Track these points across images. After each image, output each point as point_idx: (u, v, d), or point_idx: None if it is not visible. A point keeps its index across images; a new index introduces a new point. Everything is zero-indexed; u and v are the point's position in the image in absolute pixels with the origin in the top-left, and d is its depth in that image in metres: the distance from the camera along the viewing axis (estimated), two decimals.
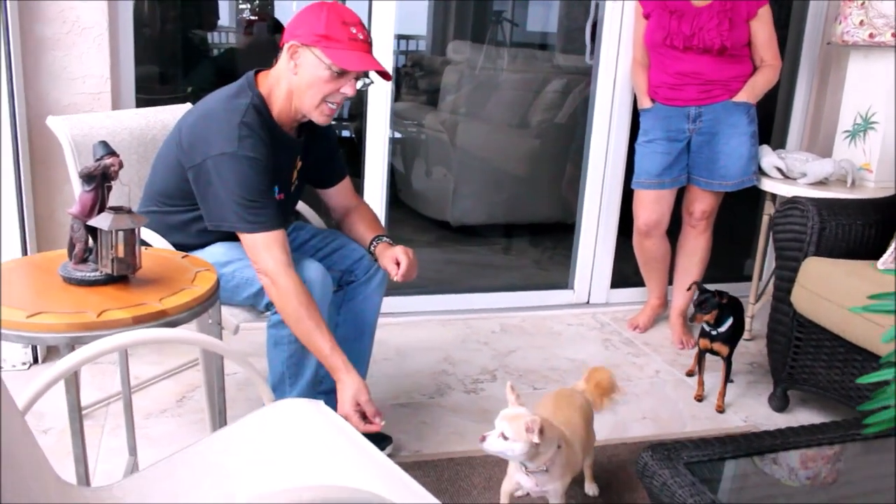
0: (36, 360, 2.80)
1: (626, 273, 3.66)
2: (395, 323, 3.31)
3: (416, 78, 4.73)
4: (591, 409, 2.14)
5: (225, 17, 3.89)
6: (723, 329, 2.69)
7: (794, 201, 2.66)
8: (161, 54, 3.52)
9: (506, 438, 1.76)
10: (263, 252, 1.96)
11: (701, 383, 2.81)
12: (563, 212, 3.98)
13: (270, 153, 2.01)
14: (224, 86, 2.13)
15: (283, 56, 2.03)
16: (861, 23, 2.93)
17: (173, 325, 1.68)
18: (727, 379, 2.76)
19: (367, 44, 2.02)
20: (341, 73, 1.99)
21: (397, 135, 4.48)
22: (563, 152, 4.12)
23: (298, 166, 2.22)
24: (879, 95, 3.03)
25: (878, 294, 0.98)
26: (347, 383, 1.95)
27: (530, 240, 4.36)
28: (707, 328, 2.72)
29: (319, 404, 1.68)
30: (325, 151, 2.30)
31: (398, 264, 2.19)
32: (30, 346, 2.76)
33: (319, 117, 2.06)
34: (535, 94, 4.32)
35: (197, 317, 1.74)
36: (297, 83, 2.02)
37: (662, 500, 1.48)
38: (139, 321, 1.62)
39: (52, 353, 2.82)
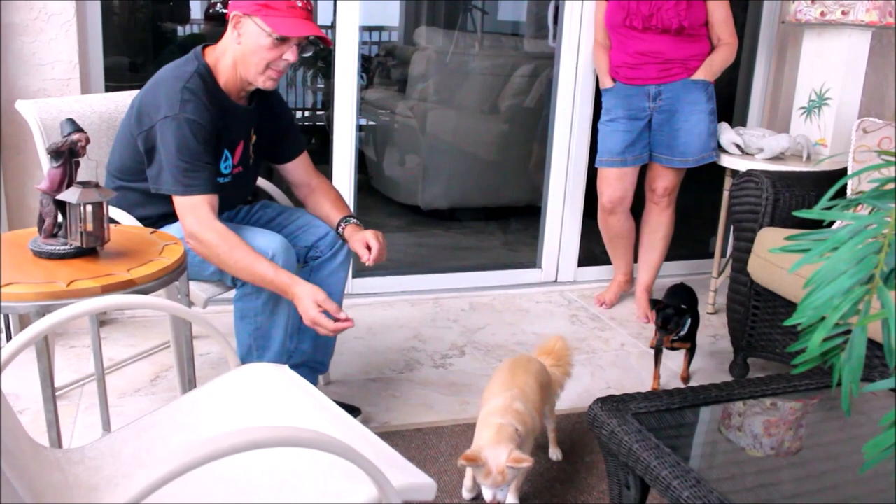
0: (9, 339, 2.83)
1: (593, 252, 3.74)
2: (366, 303, 3.37)
3: (388, 67, 4.79)
4: (547, 375, 2.20)
5: (197, 11, 3.93)
6: (683, 332, 2.67)
7: (749, 174, 2.74)
8: (131, 44, 3.55)
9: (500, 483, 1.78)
10: (189, 215, 2.04)
11: (657, 377, 2.76)
12: (532, 194, 4.05)
13: (216, 119, 2.08)
14: None
15: (228, 28, 2.11)
16: (812, 1, 3.02)
17: (142, 294, 1.74)
18: (691, 357, 2.82)
19: (307, 11, 2.10)
20: (282, 40, 2.07)
21: (370, 122, 4.55)
22: (531, 135, 4.19)
23: (253, 140, 2.29)
24: (833, 72, 3.12)
25: (794, 235, 1.05)
26: (301, 292, 2.01)
27: (500, 222, 4.43)
28: (674, 339, 2.68)
29: (284, 368, 1.74)
30: (280, 125, 2.36)
31: (369, 248, 2.25)
32: (3, 326, 2.79)
33: (265, 83, 2.14)
34: (503, 80, 4.39)
35: (164, 286, 1.79)
36: (240, 52, 2.10)
37: (611, 448, 1.55)
38: (108, 290, 1.67)
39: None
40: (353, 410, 2.41)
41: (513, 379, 2.06)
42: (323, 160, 3.31)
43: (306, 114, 4.94)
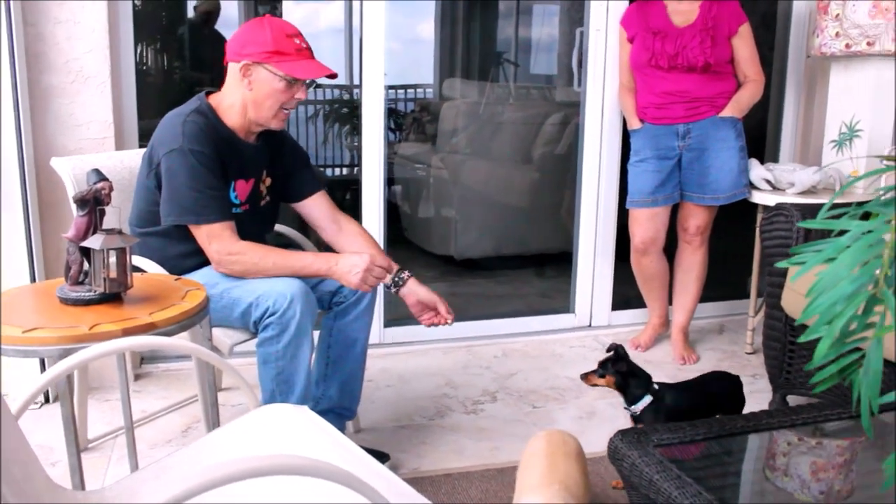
0: (47, 400, 2.88)
1: (627, 295, 3.69)
2: (398, 352, 3.36)
3: (423, 122, 4.87)
4: (584, 456, 1.97)
5: None
6: (637, 407, 2.21)
7: (778, 207, 2.70)
8: (166, 104, 3.65)
9: None
10: (212, 243, 2.11)
11: None
12: (565, 240, 4.03)
13: (220, 149, 2.14)
14: None
15: (234, 74, 2.18)
16: (837, 34, 3.00)
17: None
18: None
19: (311, 51, 2.19)
20: (294, 82, 2.15)
21: (405, 176, 4.61)
22: (562, 183, 4.20)
23: (267, 182, 2.34)
24: (862, 103, 3.08)
25: (798, 247, 1.03)
26: (341, 268, 2.12)
27: (534, 270, 4.41)
28: (625, 407, 2.26)
29: (304, 409, 1.74)
30: (293, 163, 2.42)
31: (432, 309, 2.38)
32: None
33: (278, 124, 2.23)
34: (535, 129, 4.43)
35: (185, 329, 1.81)
36: (253, 97, 2.17)
37: (633, 480, 1.51)
38: (129, 333, 1.69)
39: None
40: (382, 456, 2.39)
41: (552, 471, 1.78)
42: (355, 215, 3.35)
43: (344, 171, 5.03)
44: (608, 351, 2.26)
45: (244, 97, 2.17)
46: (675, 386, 2.30)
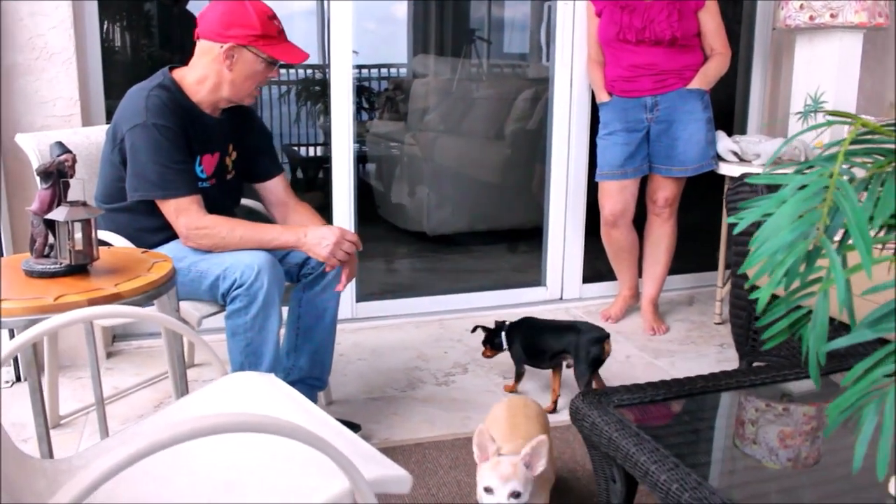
0: (18, 379, 2.87)
1: (598, 268, 3.73)
2: (371, 327, 3.38)
3: (396, 101, 4.86)
4: (546, 417, 2.04)
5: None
6: (504, 347, 2.72)
7: (743, 177, 2.74)
8: (132, 81, 3.63)
9: (517, 496, 1.56)
10: (179, 217, 2.12)
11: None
12: (537, 215, 4.06)
13: (184, 123, 2.14)
14: None
15: (210, 52, 2.17)
16: (801, 6, 3.04)
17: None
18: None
19: (284, 31, 2.21)
20: (272, 63, 2.18)
21: (378, 154, 4.61)
22: (533, 157, 4.21)
23: (233, 156, 2.35)
24: (827, 76, 3.12)
25: (745, 202, 1.06)
26: (315, 231, 2.18)
27: (507, 245, 4.43)
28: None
29: (271, 377, 1.75)
30: (260, 143, 2.44)
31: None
32: (12, 366, 2.83)
33: (250, 100, 2.28)
34: (506, 105, 4.44)
35: (152, 300, 1.82)
36: (232, 78, 2.18)
37: (593, 440, 1.54)
38: (94, 303, 1.70)
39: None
40: (354, 427, 2.41)
41: (513, 431, 1.84)
42: (326, 193, 3.37)
43: (318, 150, 5.02)
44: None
45: (221, 76, 2.17)
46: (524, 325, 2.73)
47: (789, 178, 1.09)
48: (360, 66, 4.87)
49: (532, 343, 2.67)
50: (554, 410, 2.61)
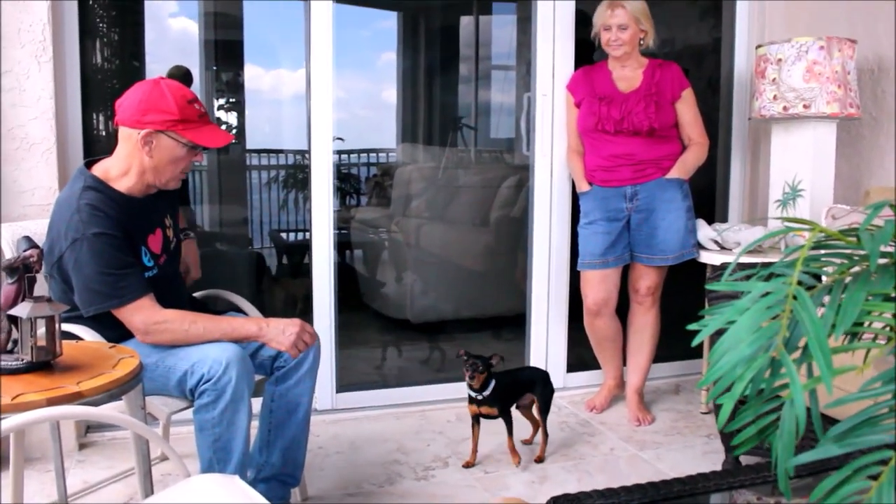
0: None
1: (582, 357, 3.68)
2: (350, 418, 3.31)
3: (385, 187, 4.89)
4: None
5: None
6: (487, 393, 2.81)
7: (723, 266, 2.73)
8: None
9: None
10: (135, 317, 2.08)
11: (474, 451, 2.88)
12: (520, 303, 4.04)
13: (122, 222, 2.10)
14: None
15: (129, 140, 2.13)
16: (774, 97, 3.08)
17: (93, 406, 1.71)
18: (545, 437, 2.93)
19: (207, 114, 2.20)
20: (193, 147, 2.16)
21: (363, 240, 4.61)
22: (517, 244, 4.22)
23: (169, 224, 2.35)
24: (803, 163, 3.14)
25: (706, 310, 1.04)
26: (276, 322, 2.19)
27: (491, 332, 4.39)
28: (473, 394, 2.83)
29: (235, 479, 1.69)
30: (176, 203, 2.45)
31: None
32: None
33: (175, 185, 2.25)
34: (490, 192, 4.47)
35: (114, 399, 1.77)
36: (153, 164, 2.14)
37: None
38: (53, 402, 1.65)
39: None
40: None
41: None
42: (308, 278, 3.35)
43: (307, 235, 5.03)
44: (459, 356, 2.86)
45: (143, 163, 2.14)
46: (503, 374, 2.91)
47: (750, 285, 1.07)
48: (347, 152, 4.93)
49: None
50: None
